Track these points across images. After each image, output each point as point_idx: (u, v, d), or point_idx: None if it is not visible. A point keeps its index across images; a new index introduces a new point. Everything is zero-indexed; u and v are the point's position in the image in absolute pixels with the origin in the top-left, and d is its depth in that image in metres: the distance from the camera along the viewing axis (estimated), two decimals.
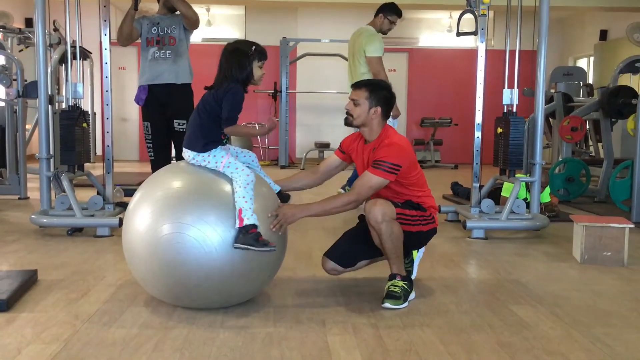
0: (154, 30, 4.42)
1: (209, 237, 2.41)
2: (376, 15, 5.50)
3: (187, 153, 2.65)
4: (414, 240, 2.91)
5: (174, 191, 2.53)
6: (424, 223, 2.88)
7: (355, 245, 2.99)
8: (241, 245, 2.41)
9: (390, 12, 5.42)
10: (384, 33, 5.48)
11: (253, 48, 2.65)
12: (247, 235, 2.42)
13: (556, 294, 2.98)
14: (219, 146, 2.63)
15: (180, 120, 4.38)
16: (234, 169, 2.56)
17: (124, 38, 4.41)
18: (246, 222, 2.43)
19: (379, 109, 2.88)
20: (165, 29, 4.40)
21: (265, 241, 2.45)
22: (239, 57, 2.62)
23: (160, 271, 2.47)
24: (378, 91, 2.91)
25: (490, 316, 2.61)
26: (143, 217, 2.49)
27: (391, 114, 3.06)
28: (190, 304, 2.60)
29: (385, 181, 2.79)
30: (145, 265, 2.50)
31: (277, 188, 2.86)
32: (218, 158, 2.59)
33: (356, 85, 2.96)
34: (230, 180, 2.54)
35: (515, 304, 2.79)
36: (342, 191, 5.45)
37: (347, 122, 2.95)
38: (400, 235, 2.76)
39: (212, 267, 2.43)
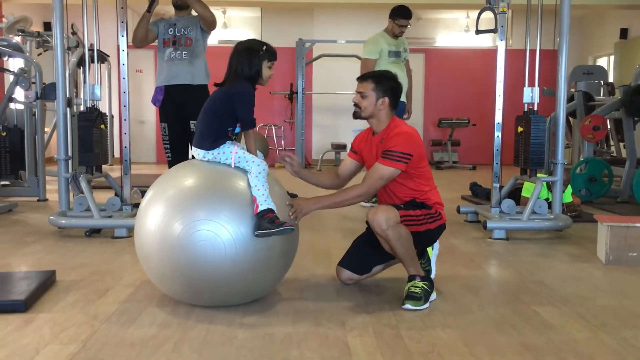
0: (171, 31, 4.42)
1: (223, 232, 2.40)
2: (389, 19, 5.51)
3: (196, 152, 2.68)
4: (424, 239, 2.87)
5: (186, 189, 2.52)
6: (430, 221, 2.83)
7: (368, 251, 2.96)
8: (260, 232, 2.42)
9: (396, 16, 5.42)
10: (397, 36, 5.44)
11: (264, 48, 2.68)
12: (263, 221, 2.43)
13: (581, 295, 2.91)
14: (228, 141, 2.64)
15: (196, 121, 4.36)
16: (245, 161, 2.59)
17: (139, 40, 4.43)
18: (261, 207, 2.45)
19: (386, 99, 2.87)
20: (182, 30, 4.40)
21: (281, 222, 2.46)
22: (250, 55, 2.65)
23: (175, 270, 2.45)
24: (384, 82, 2.90)
25: (514, 317, 2.55)
26: (155, 215, 2.48)
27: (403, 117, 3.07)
28: (209, 302, 2.58)
29: (397, 171, 2.75)
30: (159, 264, 2.49)
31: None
32: (227, 153, 2.61)
33: (362, 78, 2.96)
34: (243, 175, 2.56)
35: (539, 305, 2.72)
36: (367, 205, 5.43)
37: (356, 115, 2.94)
38: (408, 237, 2.71)
39: (228, 261, 2.41)
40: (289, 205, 2.66)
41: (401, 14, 5.40)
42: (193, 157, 4.54)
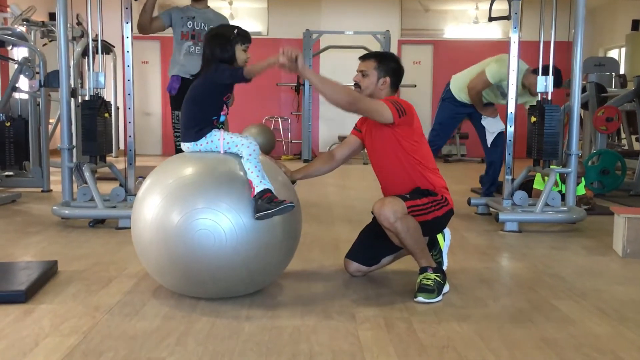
0: (190, 24, 4.41)
1: (222, 219, 2.32)
2: None
3: (184, 146, 2.61)
4: (433, 227, 2.79)
5: (183, 177, 2.44)
6: (437, 208, 2.73)
7: (375, 242, 2.86)
8: (260, 214, 2.34)
9: None
10: None
11: (235, 31, 2.62)
12: (261, 202, 2.35)
13: (599, 288, 2.80)
14: (213, 129, 2.56)
15: None
16: (234, 145, 2.51)
17: (142, 27, 4.39)
18: (257, 189, 2.37)
19: (387, 79, 2.80)
20: (202, 24, 4.39)
21: (280, 201, 2.37)
22: (221, 40, 2.59)
23: (175, 261, 2.37)
24: (386, 62, 2.84)
25: (531, 311, 2.46)
26: (152, 206, 2.40)
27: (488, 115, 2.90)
28: (212, 294, 2.49)
29: (389, 112, 2.65)
30: (157, 256, 2.40)
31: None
32: (215, 141, 2.54)
33: (364, 57, 2.87)
34: (238, 161, 2.48)
35: (556, 299, 2.62)
36: None
37: None
38: (417, 228, 2.62)
39: (229, 249, 2.32)
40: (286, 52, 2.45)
41: None
42: None
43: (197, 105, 2.58)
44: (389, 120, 2.68)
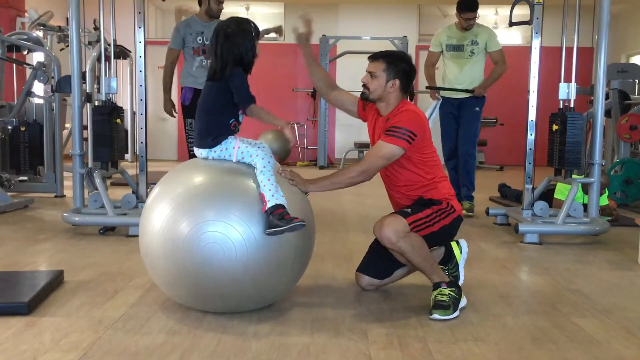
0: (199, 39, 4.48)
1: (233, 233, 2.22)
2: None
3: (198, 152, 2.50)
4: (442, 236, 2.68)
5: (194, 187, 2.34)
6: (443, 217, 2.62)
7: (388, 254, 2.73)
8: (271, 230, 2.24)
9: (460, 9, 5.02)
10: (466, 29, 5.08)
11: (252, 25, 2.46)
12: (272, 218, 2.25)
13: (624, 306, 2.67)
14: (230, 137, 2.45)
15: None
16: (249, 155, 2.41)
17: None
18: (269, 204, 2.27)
19: (397, 81, 2.66)
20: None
21: (291, 218, 2.27)
22: (244, 36, 2.42)
23: (182, 274, 2.28)
24: (396, 63, 2.69)
25: (553, 330, 2.33)
26: (161, 215, 2.30)
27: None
28: (220, 309, 2.40)
29: (400, 150, 2.55)
30: (165, 268, 2.31)
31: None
32: (230, 149, 2.43)
33: (373, 57, 2.74)
34: (252, 171, 2.39)
35: (579, 317, 2.50)
36: None
37: (363, 97, 2.74)
38: (422, 244, 2.52)
39: (239, 264, 2.23)
40: (285, 172, 2.47)
41: (464, 7, 5.00)
42: None
43: (212, 115, 2.47)
44: (402, 153, 2.58)
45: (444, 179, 2.72)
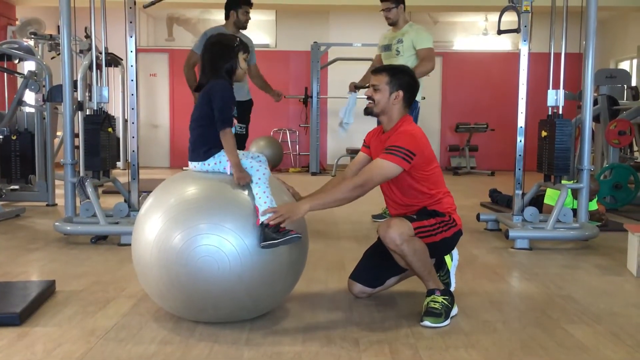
0: None
1: (226, 245, 2.23)
2: None
3: (192, 165, 2.51)
4: (441, 248, 2.70)
5: (187, 199, 2.35)
6: (445, 229, 2.64)
7: (380, 263, 2.77)
8: (266, 243, 2.26)
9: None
10: (391, 25, 5.13)
11: (238, 39, 2.56)
12: (267, 230, 2.26)
13: (614, 311, 2.70)
14: (222, 150, 2.45)
15: (239, 124, 4.46)
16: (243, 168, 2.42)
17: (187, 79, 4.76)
18: (263, 217, 2.28)
19: (400, 93, 2.68)
20: None
21: (286, 231, 2.28)
22: (223, 48, 2.51)
23: (176, 286, 2.28)
24: (399, 76, 2.72)
25: (543, 337, 2.36)
26: (155, 227, 2.31)
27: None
28: (213, 319, 2.41)
29: (398, 168, 2.56)
30: (158, 279, 2.31)
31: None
32: (223, 161, 2.44)
33: (376, 71, 2.76)
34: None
35: (569, 323, 2.52)
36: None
37: (367, 111, 2.76)
38: (424, 250, 2.54)
39: (233, 276, 2.24)
40: (274, 212, 2.31)
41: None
42: None
43: (205, 124, 2.46)
44: (400, 172, 2.58)
45: (447, 194, 2.73)
